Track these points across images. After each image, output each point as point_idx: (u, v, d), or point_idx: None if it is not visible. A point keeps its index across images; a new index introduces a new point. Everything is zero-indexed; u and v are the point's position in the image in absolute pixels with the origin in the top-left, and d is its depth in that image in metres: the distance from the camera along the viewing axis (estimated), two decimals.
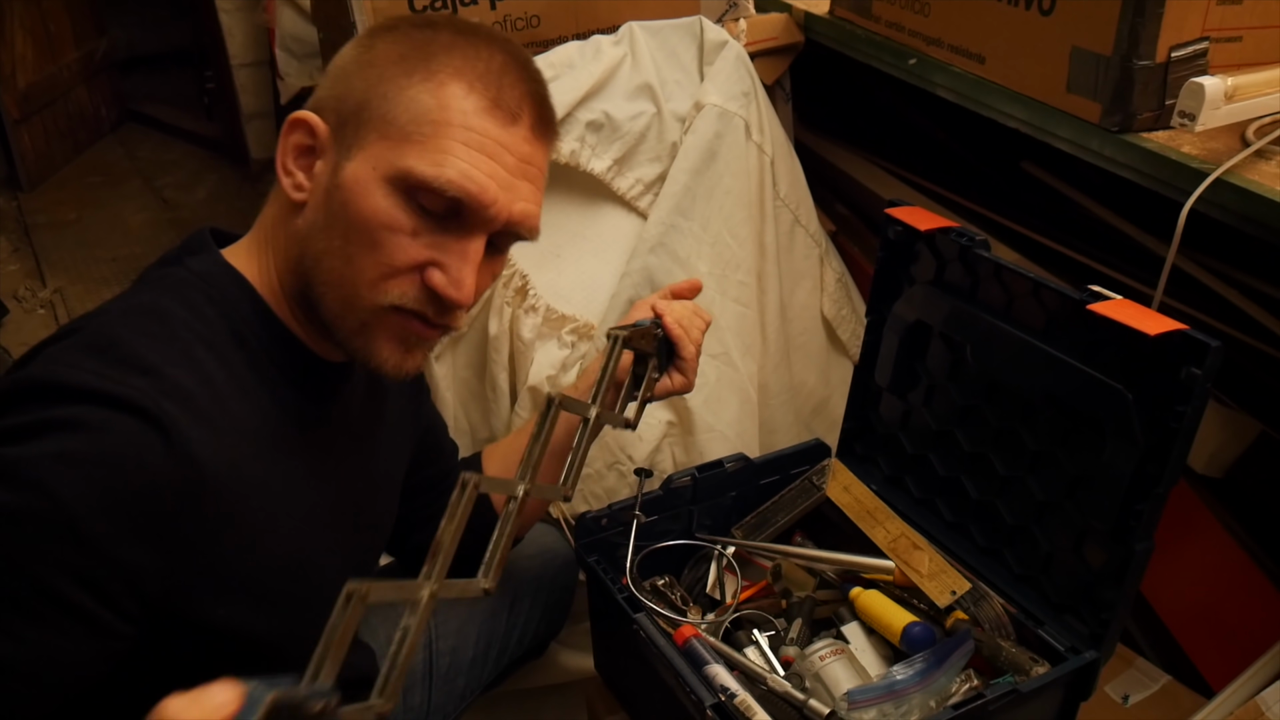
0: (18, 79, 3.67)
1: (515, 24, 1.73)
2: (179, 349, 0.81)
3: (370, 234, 0.83)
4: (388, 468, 1.08)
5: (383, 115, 0.83)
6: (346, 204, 0.83)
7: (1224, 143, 1.27)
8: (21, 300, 3.09)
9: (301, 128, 0.85)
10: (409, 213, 0.83)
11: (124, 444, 0.74)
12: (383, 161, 0.82)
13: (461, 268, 0.85)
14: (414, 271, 0.84)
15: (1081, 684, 1.12)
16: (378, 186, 0.82)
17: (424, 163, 0.82)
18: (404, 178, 0.82)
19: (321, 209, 0.85)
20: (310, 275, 0.86)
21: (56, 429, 0.73)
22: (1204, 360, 0.99)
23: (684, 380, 1.17)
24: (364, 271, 0.84)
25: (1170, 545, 1.44)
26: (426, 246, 0.84)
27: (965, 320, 1.24)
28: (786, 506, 1.41)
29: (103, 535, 0.73)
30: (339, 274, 0.84)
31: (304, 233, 0.86)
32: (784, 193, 1.76)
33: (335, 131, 0.85)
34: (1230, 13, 1.28)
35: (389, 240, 0.83)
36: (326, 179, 0.85)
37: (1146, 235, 1.59)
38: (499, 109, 0.84)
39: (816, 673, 1.17)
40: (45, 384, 0.75)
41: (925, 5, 1.62)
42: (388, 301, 0.85)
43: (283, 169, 0.86)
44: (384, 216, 0.82)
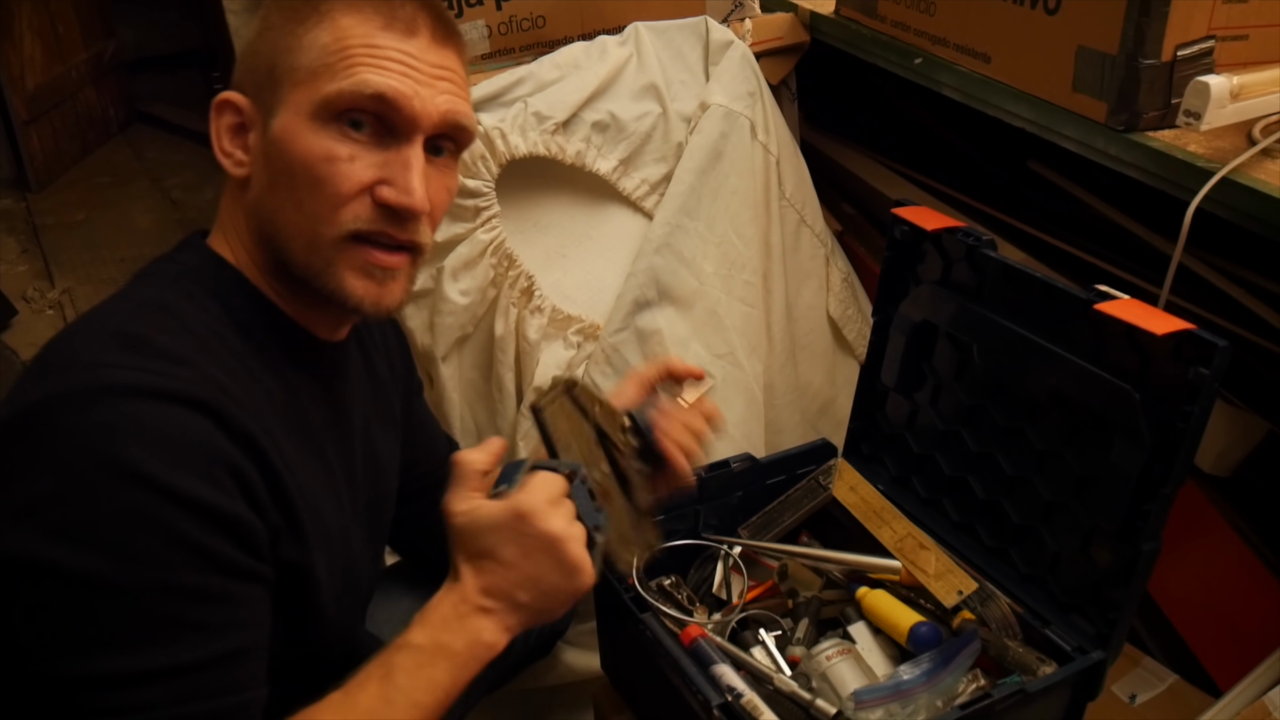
0: (26, 80, 3.68)
1: (521, 24, 1.73)
2: (197, 341, 0.83)
3: (311, 172, 0.85)
4: (386, 449, 1.09)
5: (289, 66, 0.86)
6: (282, 154, 0.86)
7: (1230, 141, 1.27)
8: (30, 301, 3.10)
9: (228, 108, 0.88)
10: (341, 139, 0.85)
11: (192, 430, 0.77)
12: (302, 103, 0.85)
13: (407, 175, 0.86)
14: (363, 194, 0.86)
15: (1088, 684, 1.12)
16: (304, 126, 0.85)
17: (336, 83, 0.84)
18: (324, 104, 0.84)
19: (263, 172, 0.88)
20: (272, 237, 0.88)
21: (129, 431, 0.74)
22: (1211, 360, 0.99)
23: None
24: (316, 209, 0.86)
25: (1177, 545, 1.44)
26: (368, 167, 0.86)
27: (972, 320, 1.24)
28: (793, 506, 1.41)
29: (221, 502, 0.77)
30: (295, 223, 0.87)
31: (255, 201, 0.89)
32: (790, 193, 1.76)
33: (255, 101, 0.88)
34: (1236, 11, 1.28)
35: (330, 170, 0.85)
36: (260, 145, 0.88)
37: (1153, 234, 1.59)
38: (394, 25, 0.86)
39: (823, 672, 1.17)
40: (97, 388, 0.76)
41: (931, 4, 1.62)
42: (345, 230, 0.86)
43: (221, 152, 0.89)
44: (318, 150, 0.85)
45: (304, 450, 0.90)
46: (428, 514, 1.22)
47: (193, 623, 0.77)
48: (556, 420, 1.02)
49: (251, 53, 0.89)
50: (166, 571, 0.75)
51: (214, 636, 0.78)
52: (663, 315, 1.61)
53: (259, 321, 0.89)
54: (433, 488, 1.22)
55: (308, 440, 0.91)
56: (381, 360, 1.10)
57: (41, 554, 0.73)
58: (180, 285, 0.87)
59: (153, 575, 0.74)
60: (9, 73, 3.60)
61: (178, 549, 0.75)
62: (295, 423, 0.90)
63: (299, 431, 0.90)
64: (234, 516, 0.78)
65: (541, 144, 1.59)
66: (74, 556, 0.72)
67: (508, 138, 1.56)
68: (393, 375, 1.12)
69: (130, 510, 0.73)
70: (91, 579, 0.73)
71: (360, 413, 1.02)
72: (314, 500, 0.89)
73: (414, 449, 1.18)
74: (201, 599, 0.77)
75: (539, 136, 1.59)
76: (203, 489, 0.76)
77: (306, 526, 0.87)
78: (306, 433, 0.91)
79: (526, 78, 1.61)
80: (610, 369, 1.61)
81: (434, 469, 1.23)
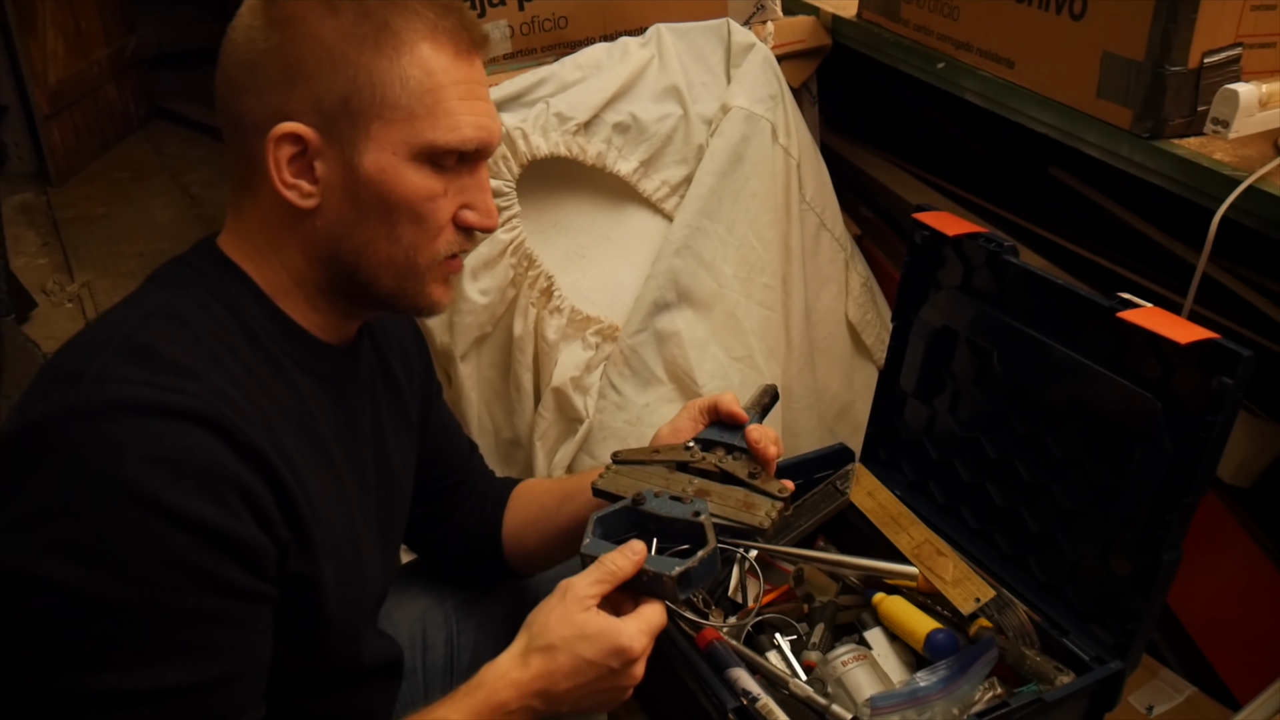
0: (49, 75, 3.70)
1: (543, 25, 1.73)
2: (206, 352, 0.83)
3: (413, 209, 0.87)
4: (399, 453, 1.09)
5: (378, 100, 0.85)
6: (382, 193, 0.86)
7: (1257, 150, 1.26)
8: (50, 294, 3.11)
9: (289, 140, 0.85)
10: (437, 177, 0.88)
11: (199, 449, 0.76)
12: (400, 143, 0.86)
13: (486, 198, 0.92)
14: (451, 221, 0.90)
15: (1106, 694, 1.12)
16: (405, 166, 0.86)
17: (442, 132, 0.86)
18: (429, 151, 0.86)
19: (347, 205, 0.87)
20: (355, 265, 0.89)
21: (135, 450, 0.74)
22: (1235, 369, 0.98)
23: None
24: (414, 241, 0.89)
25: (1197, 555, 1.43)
26: (454, 196, 0.90)
27: (992, 326, 1.23)
28: (810, 511, 1.41)
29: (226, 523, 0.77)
30: (388, 254, 0.89)
31: (333, 231, 0.88)
32: (810, 196, 1.76)
33: (325, 132, 0.85)
34: (1264, 18, 1.27)
35: (430, 207, 0.88)
36: (340, 178, 0.86)
37: (1177, 243, 1.58)
38: (461, 52, 0.88)
39: (839, 678, 1.17)
40: (104, 404, 0.76)
41: (954, 9, 1.61)
42: (440, 257, 0.91)
43: (282, 184, 0.86)
44: (422, 191, 0.87)
45: (313, 459, 0.90)
46: (448, 516, 1.22)
47: (190, 644, 0.76)
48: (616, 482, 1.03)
49: (308, 79, 0.84)
50: (165, 592, 0.75)
51: (211, 658, 0.78)
52: (681, 317, 1.61)
53: (268, 329, 0.89)
54: (452, 489, 1.22)
55: (317, 448, 0.91)
56: (398, 363, 1.09)
57: (39, 569, 0.73)
58: (191, 292, 0.87)
59: (150, 595, 0.74)
60: (31, 67, 3.62)
61: (177, 570, 0.75)
62: (305, 432, 0.89)
63: (308, 440, 0.90)
64: (239, 537, 0.77)
65: (563, 144, 1.59)
66: (71, 573, 0.72)
67: (529, 138, 1.57)
68: (409, 378, 1.11)
69: (130, 529, 0.73)
70: (88, 596, 0.73)
71: (371, 417, 1.02)
72: (323, 510, 0.89)
73: (433, 451, 1.18)
74: (200, 620, 0.77)
75: (560, 137, 1.59)
76: (206, 509, 0.75)
77: (315, 538, 0.87)
78: (316, 441, 0.91)
79: (548, 78, 1.61)
80: (628, 370, 1.61)
81: (453, 470, 1.23)
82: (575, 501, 1.17)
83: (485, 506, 1.23)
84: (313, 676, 0.94)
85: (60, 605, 0.73)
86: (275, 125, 0.84)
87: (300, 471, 0.85)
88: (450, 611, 1.26)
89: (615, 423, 1.61)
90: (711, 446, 1.07)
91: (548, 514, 1.20)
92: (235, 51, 0.87)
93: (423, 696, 1.23)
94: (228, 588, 0.77)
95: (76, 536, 0.73)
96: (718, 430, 1.09)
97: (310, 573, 0.86)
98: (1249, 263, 1.48)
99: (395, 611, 1.22)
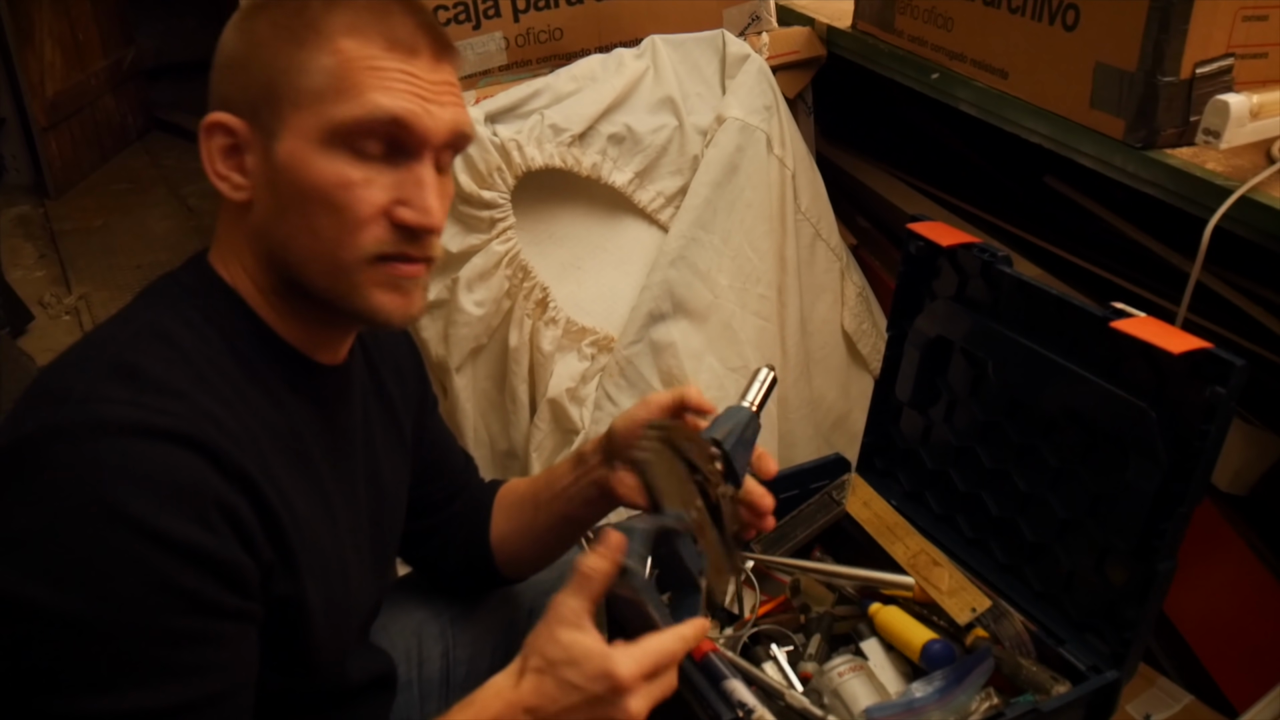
0: (46, 87, 3.71)
1: (538, 36, 1.74)
2: (194, 372, 0.82)
3: (326, 197, 0.84)
4: (392, 468, 1.09)
5: (292, 88, 0.84)
6: (293, 181, 0.84)
7: (1249, 160, 1.27)
8: (47, 306, 3.11)
9: (219, 130, 0.86)
10: (353, 163, 0.84)
11: (183, 470, 0.76)
12: (309, 127, 0.83)
13: (423, 195, 0.86)
14: (380, 217, 0.86)
15: (1103, 703, 1.11)
16: (314, 151, 0.83)
17: (346, 107, 0.83)
18: (334, 129, 0.83)
19: (270, 198, 0.86)
20: (285, 262, 0.87)
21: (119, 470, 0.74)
22: (1228, 378, 0.98)
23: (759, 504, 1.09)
24: (335, 235, 0.85)
25: (1193, 564, 1.43)
26: (383, 189, 0.85)
27: (987, 336, 1.24)
28: (806, 521, 1.41)
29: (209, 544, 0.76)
30: (311, 248, 0.86)
31: (261, 226, 0.87)
32: (805, 206, 1.76)
33: (251, 122, 0.85)
34: (1256, 29, 1.28)
35: (346, 196, 0.84)
36: (262, 168, 0.86)
37: (1171, 252, 1.58)
38: (396, 47, 0.85)
39: (835, 689, 1.17)
40: (89, 424, 0.75)
41: (948, 20, 1.62)
42: (367, 254, 0.86)
43: (215, 175, 0.86)
44: (333, 176, 0.84)
45: (300, 480, 0.89)
46: (443, 529, 1.22)
47: (175, 665, 0.76)
48: (656, 469, 1.01)
49: (239, 69, 0.86)
50: (149, 614, 0.74)
51: (196, 679, 0.77)
52: (677, 328, 1.61)
53: (257, 349, 0.88)
54: (448, 502, 1.22)
55: (305, 469, 0.90)
56: (391, 377, 1.09)
57: (21, 591, 0.72)
58: (180, 310, 0.86)
59: (134, 617, 0.74)
60: (29, 79, 3.63)
61: (160, 591, 0.74)
62: (292, 452, 0.89)
63: (296, 461, 0.89)
64: (222, 557, 0.77)
65: (558, 156, 1.60)
66: (53, 595, 0.72)
67: (524, 149, 1.57)
68: (403, 393, 1.11)
69: (113, 551, 0.73)
70: (71, 619, 0.72)
71: (363, 433, 1.01)
72: (310, 531, 0.88)
73: (429, 465, 1.17)
74: (185, 641, 0.76)
75: (555, 148, 1.60)
76: (191, 530, 0.75)
77: (300, 559, 0.86)
78: (304, 461, 0.90)
79: (543, 90, 1.62)
80: (624, 381, 1.61)
81: (450, 484, 1.23)
82: (549, 507, 1.18)
83: (475, 517, 1.23)
84: (299, 694, 0.94)
85: (43, 628, 0.73)
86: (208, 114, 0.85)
87: (286, 493, 0.85)
88: (446, 625, 1.26)
89: None
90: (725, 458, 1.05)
91: (527, 520, 1.21)
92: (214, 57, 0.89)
93: (418, 710, 1.23)
94: (213, 608, 0.77)
95: (59, 558, 0.72)
96: None
97: (295, 594, 0.86)
98: (1242, 271, 1.49)
99: (390, 625, 1.22)
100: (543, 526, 1.19)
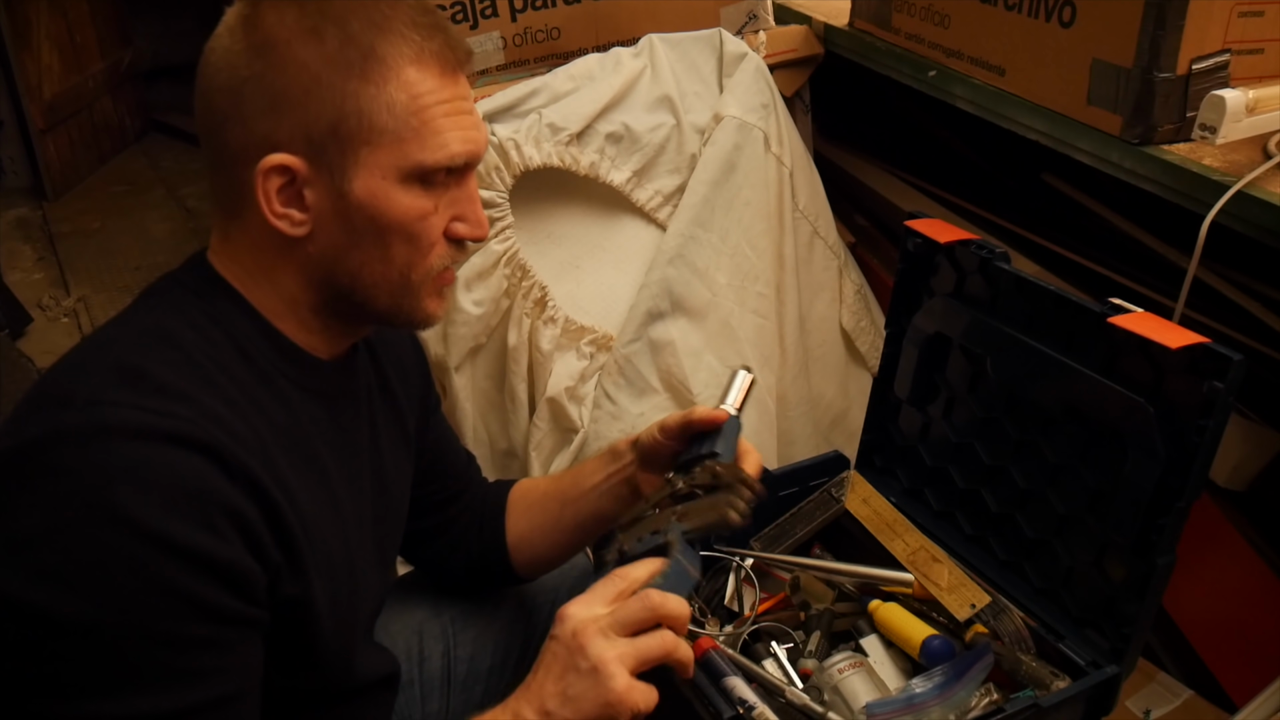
0: (44, 89, 3.71)
1: (536, 36, 1.74)
2: (201, 374, 0.82)
3: (406, 230, 0.88)
4: (396, 466, 1.09)
5: (364, 126, 0.84)
6: (374, 216, 0.86)
7: (1245, 155, 1.27)
8: (45, 309, 3.11)
9: (278, 171, 0.84)
10: (427, 195, 0.88)
11: (189, 474, 0.76)
12: (389, 167, 0.86)
13: (475, 210, 0.92)
14: (442, 236, 0.91)
15: (1103, 699, 1.12)
16: (395, 189, 0.86)
17: (429, 152, 0.86)
18: (417, 171, 0.86)
19: (339, 231, 0.87)
20: (351, 287, 0.89)
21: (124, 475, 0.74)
22: (1226, 373, 0.98)
23: None
24: (408, 259, 0.89)
25: (1192, 559, 1.43)
26: (444, 210, 0.90)
27: (985, 332, 1.24)
28: (805, 518, 1.41)
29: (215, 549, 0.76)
30: (383, 274, 0.89)
31: (326, 256, 0.88)
32: (803, 204, 1.76)
33: (312, 160, 0.84)
34: (1252, 25, 1.28)
35: (421, 226, 0.88)
36: (330, 204, 0.86)
37: (1168, 247, 1.58)
38: (446, 71, 0.88)
39: (835, 685, 1.17)
40: (94, 428, 0.75)
41: (945, 17, 1.62)
42: (434, 272, 0.91)
43: (272, 214, 0.85)
44: (414, 211, 0.87)
45: (308, 478, 0.89)
46: (447, 529, 1.22)
47: (180, 670, 0.76)
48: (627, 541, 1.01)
49: (293, 108, 0.83)
50: (153, 618, 0.74)
51: (202, 683, 0.77)
52: (676, 326, 1.61)
53: (262, 347, 0.89)
54: (450, 501, 1.22)
55: (312, 466, 0.91)
56: (395, 376, 1.09)
57: (26, 595, 0.72)
58: (184, 311, 0.86)
59: (139, 621, 0.74)
60: (26, 82, 3.63)
61: (166, 596, 0.74)
62: (299, 450, 0.89)
63: (303, 459, 0.89)
64: (228, 562, 0.77)
65: (555, 155, 1.60)
66: (58, 600, 0.72)
67: (522, 149, 1.57)
68: (407, 391, 1.11)
69: (118, 555, 0.73)
70: (78, 623, 0.73)
71: (368, 431, 1.01)
72: (316, 530, 0.88)
73: (431, 464, 1.18)
74: (189, 647, 0.76)
75: (553, 148, 1.60)
76: (196, 536, 0.75)
77: (307, 559, 0.86)
78: (311, 459, 0.91)
79: (541, 89, 1.62)
80: (623, 380, 1.61)
81: (452, 483, 1.23)
82: (577, 505, 1.18)
83: (485, 516, 1.23)
84: (306, 692, 0.94)
85: (51, 633, 0.73)
86: (263, 157, 0.83)
87: (294, 492, 0.85)
88: (448, 623, 1.26)
89: (610, 432, 1.61)
90: (690, 466, 1.04)
91: (552, 519, 1.21)
92: (216, 76, 0.86)
93: (419, 709, 1.23)
94: (217, 613, 0.77)
95: (65, 563, 0.73)
96: (698, 442, 1.07)
97: (302, 594, 0.86)
98: (1239, 266, 1.49)
99: (392, 623, 1.23)
100: (570, 524, 1.19)
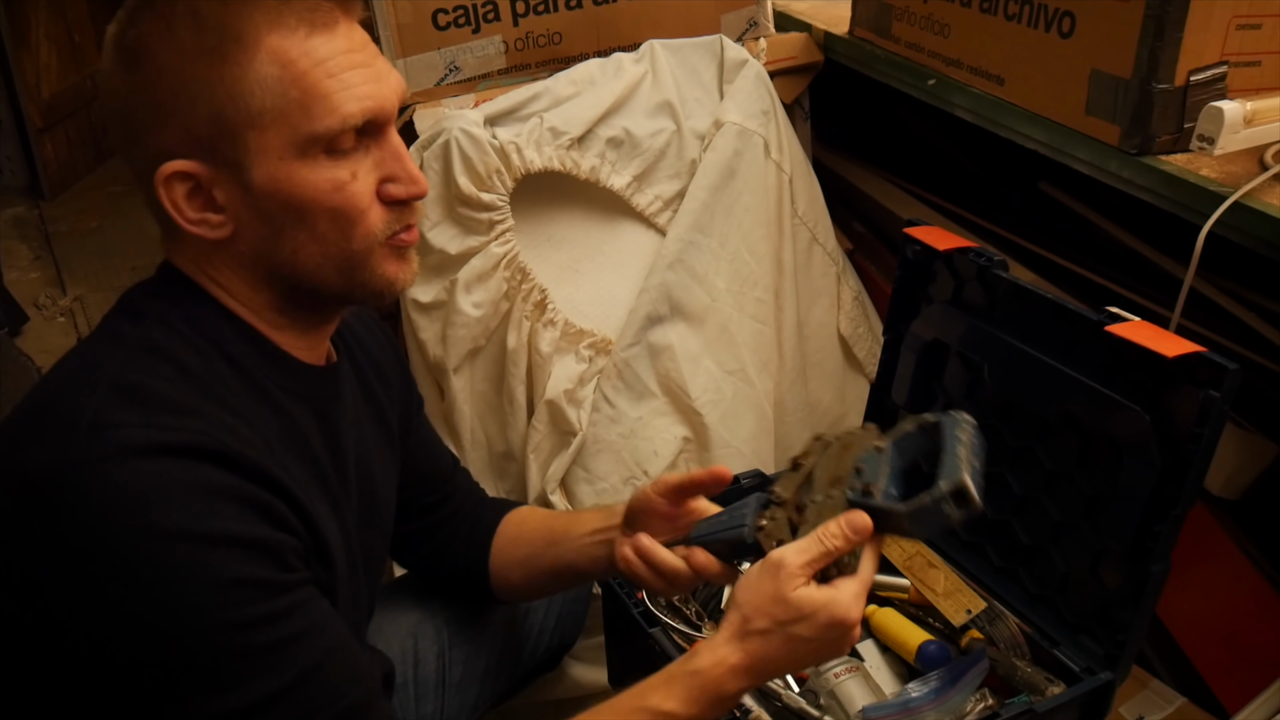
0: (42, 88, 3.71)
1: (537, 41, 1.74)
2: (199, 386, 0.82)
3: (324, 205, 0.83)
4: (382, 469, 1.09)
5: (242, 111, 0.80)
6: (286, 201, 0.83)
7: (1243, 166, 1.28)
8: (42, 308, 3.11)
9: (177, 179, 0.82)
10: (335, 163, 0.83)
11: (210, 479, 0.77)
12: (282, 146, 0.81)
13: (404, 165, 0.87)
14: (374, 201, 0.86)
15: (1097, 705, 1.12)
16: (297, 167, 0.82)
17: (317, 119, 0.81)
18: (309, 142, 0.81)
19: (258, 223, 0.84)
20: (294, 276, 0.86)
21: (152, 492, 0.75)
22: (1222, 383, 0.99)
23: None
24: (339, 234, 0.85)
25: (1186, 567, 1.44)
26: (367, 175, 0.85)
27: (983, 340, 1.24)
28: None
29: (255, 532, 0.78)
30: (321, 253, 0.85)
31: (255, 252, 0.86)
32: (802, 211, 1.77)
33: (207, 160, 0.82)
34: (1249, 37, 1.29)
35: (342, 197, 0.84)
36: (240, 199, 0.83)
37: (1164, 257, 1.59)
38: (317, 28, 0.82)
39: (831, 690, 1.17)
40: (107, 452, 0.75)
41: (945, 26, 1.62)
42: (376, 239, 0.86)
43: (187, 223, 0.83)
44: (326, 184, 0.83)
45: (313, 481, 0.90)
46: (434, 534, 1.22)
47: (273, 645, 0.78)
48: None
49: (175, 114, 0.81)
50: (223, 610, 0.75)
51: (299, 649, 0.79)
52: (674, 331, 1.62)
53: (250, 355, 0.88)
54: (437, 506, 1.22)
55: (314, 470, 0.91)
56: (376, 379, 1.08)
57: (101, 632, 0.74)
58: (169, 324, 0.85)
59: (213, 617, 0.75)
60: (24, 81, 3.63)
61: (224, 587, 0.76)
62: (302, 454, 0.90)
63: (306, 463, 0.90)
64: (265, 540, 0.79)
65: (556, 159, 1.60)
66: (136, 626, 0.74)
67: (523, 152, 1.57)
68: (389, 394, 1.10)
69: (169, 566, 0.74)
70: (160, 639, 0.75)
71: (355, 434, 1.01)
72: (328, 529, 0.89)
73: (415, 466, 1.17)
74: (269, 622, 0.78)
75: (554, 151, 1.60)
76: (232, 525, 0.76)
77: (331, 552, 0.88)
78: (312, 463, 0.91)
79: (542, 93, 1.62)
80: (622, 383, 1.62)
81: (437, 487, 1.22)
82: (559, 549, 1.17)
83: (474, 530, 1.22)
84: None
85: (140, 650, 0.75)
86: (158, 168, 0.81)
87: (307, 492, 0.86)
88: (442, 625, 1.27)
89: (609, 436, 1.61)
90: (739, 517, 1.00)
91: (536, 553, 1.20)
92: (107, 104, 0.85)
93: (414, 710, 1.23)
94: (278, 586, 0.79)
95: (125, 590, 0.74)
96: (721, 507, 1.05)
97: (328, 581, 0.88)
98: (1235, 277, 1.50)
99: (386, 625, 1.23)
100: (548, 565, 1.18)
